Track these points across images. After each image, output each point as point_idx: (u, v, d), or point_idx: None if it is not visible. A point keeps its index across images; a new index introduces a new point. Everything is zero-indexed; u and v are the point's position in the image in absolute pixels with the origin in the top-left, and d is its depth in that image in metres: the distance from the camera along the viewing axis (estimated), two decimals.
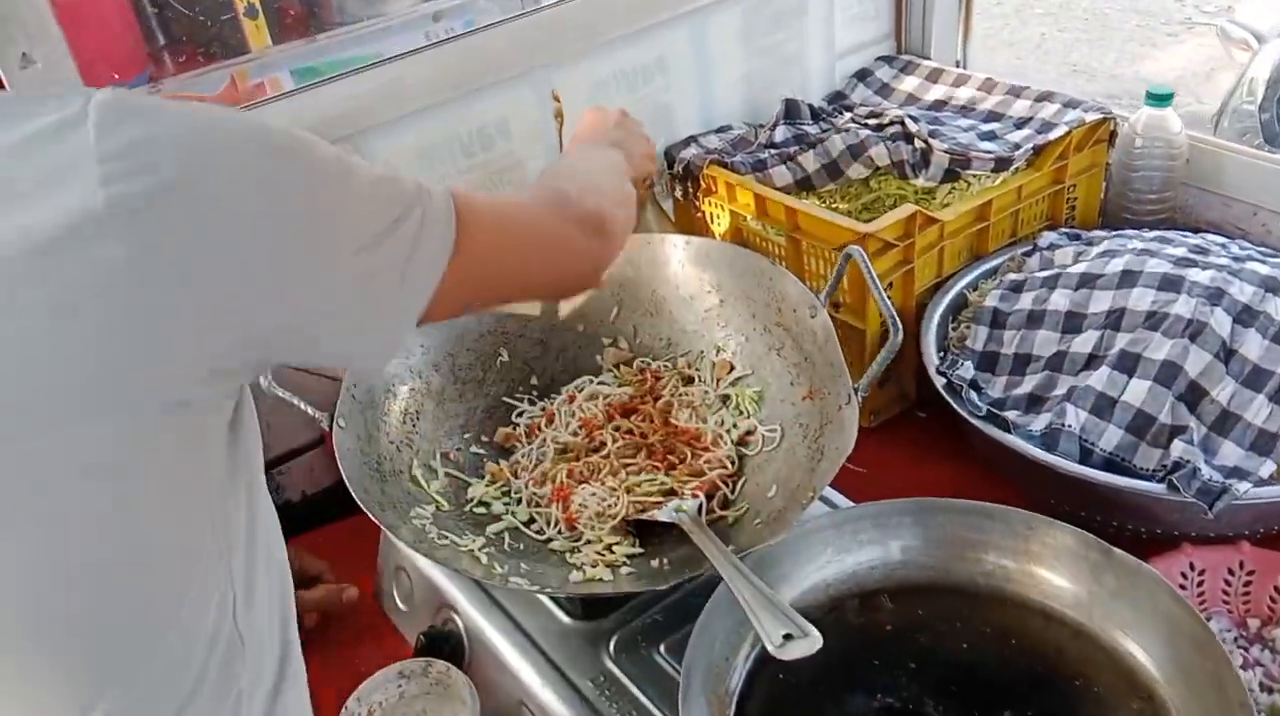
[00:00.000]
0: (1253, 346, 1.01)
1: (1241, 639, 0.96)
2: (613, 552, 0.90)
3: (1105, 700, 0.76)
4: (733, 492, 0.95)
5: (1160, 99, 1.28)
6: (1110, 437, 1.00)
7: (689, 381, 1.07)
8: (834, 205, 1.31)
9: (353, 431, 0.93)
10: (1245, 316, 1.02)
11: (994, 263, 1.25)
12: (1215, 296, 1.03)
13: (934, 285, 1.23)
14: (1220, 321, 1.02)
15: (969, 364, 1.11)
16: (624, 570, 0.88)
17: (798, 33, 1.45)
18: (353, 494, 0.86)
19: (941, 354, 1.15)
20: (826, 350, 0.96)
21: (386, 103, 1.12)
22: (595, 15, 1.26)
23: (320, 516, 1.18)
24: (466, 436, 1.04)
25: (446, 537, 0.90)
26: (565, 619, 0.91)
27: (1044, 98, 1.35)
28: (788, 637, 0.69)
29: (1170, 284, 1.06)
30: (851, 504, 0.98)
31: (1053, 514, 0.85)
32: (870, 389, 1.18)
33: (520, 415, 1.07)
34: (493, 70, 1.20)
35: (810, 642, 0.68)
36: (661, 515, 0.89)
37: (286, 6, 2.58)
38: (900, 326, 0.90)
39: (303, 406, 0.94)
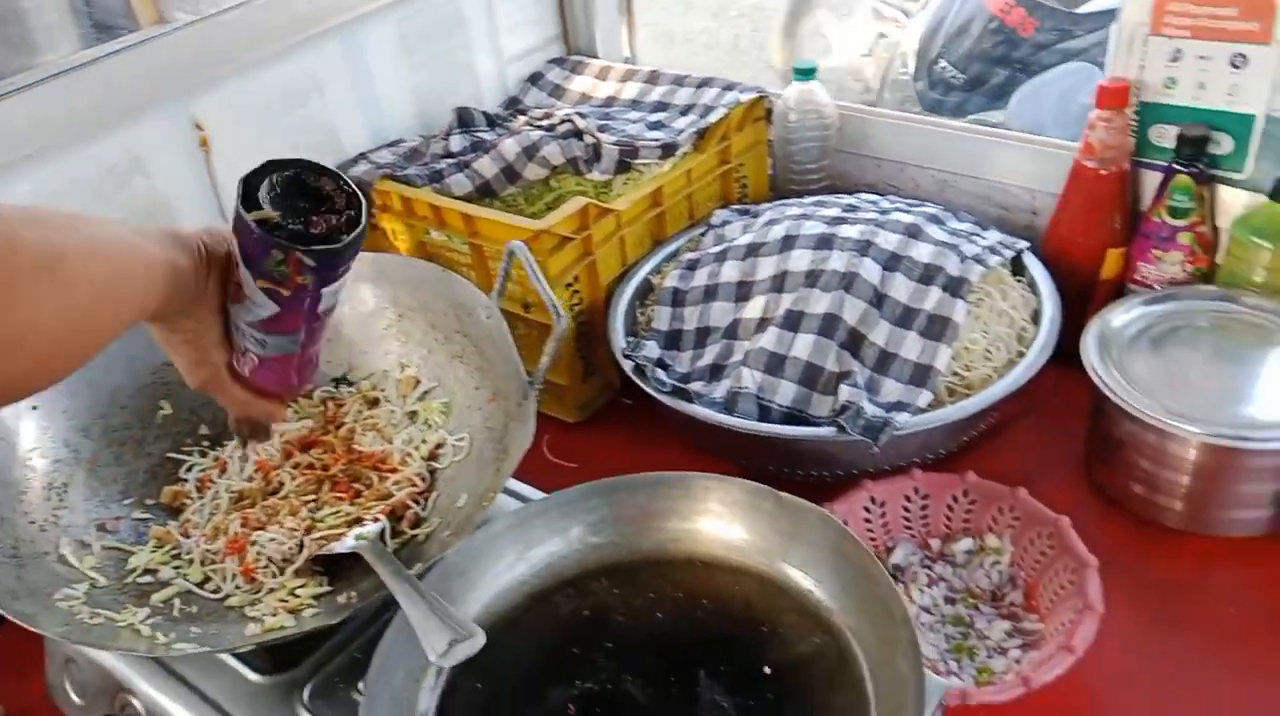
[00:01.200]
0: (901, 289, 1.08)
1: (926, 559, 1.02)
2: (297, 597, 0.85)
3: (789, 639, 0.78)
4: (424, 509, 0.92)
5: (805, 73, 1.35)
6: (785, 393, 1.04)
7: (374, 403, 1.03)
8: (518, 208, 1.31)
9: None
10: (891, 263, 1.09)
11: (674, 245, 1.29)
12: (864, 248, 1.10)
13: (620, 274, 1.25)
14: (870, 270, 1.08)
15: (653, 344, 1.13)
16: (308, 612, 0.83)
17: (463, 41, 1.44)
18: None
19: (631, 338, 1.17)
20: (503, 350, 0.94)
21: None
22: (232, 35, 1.19)
23: None
24: (127, 502, 0.95)
25: (100, 616, 0.81)
26: (254, 676, 0.84)
27: (704, 84, 1.41)
28: (453, 643, 0.66)
29: (824, 242, 1.12)
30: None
31: (748, 474, 0.86)
32: (564, 378, 1.20)
33: (189, 469, 0.99)
34: (121, 103, 1.11)
35: (471, 644, 0.66)
36: (341, 546, 0.84)
37: None
38: (563, 315, 0.89)
39: None
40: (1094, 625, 0.86)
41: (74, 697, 0.93)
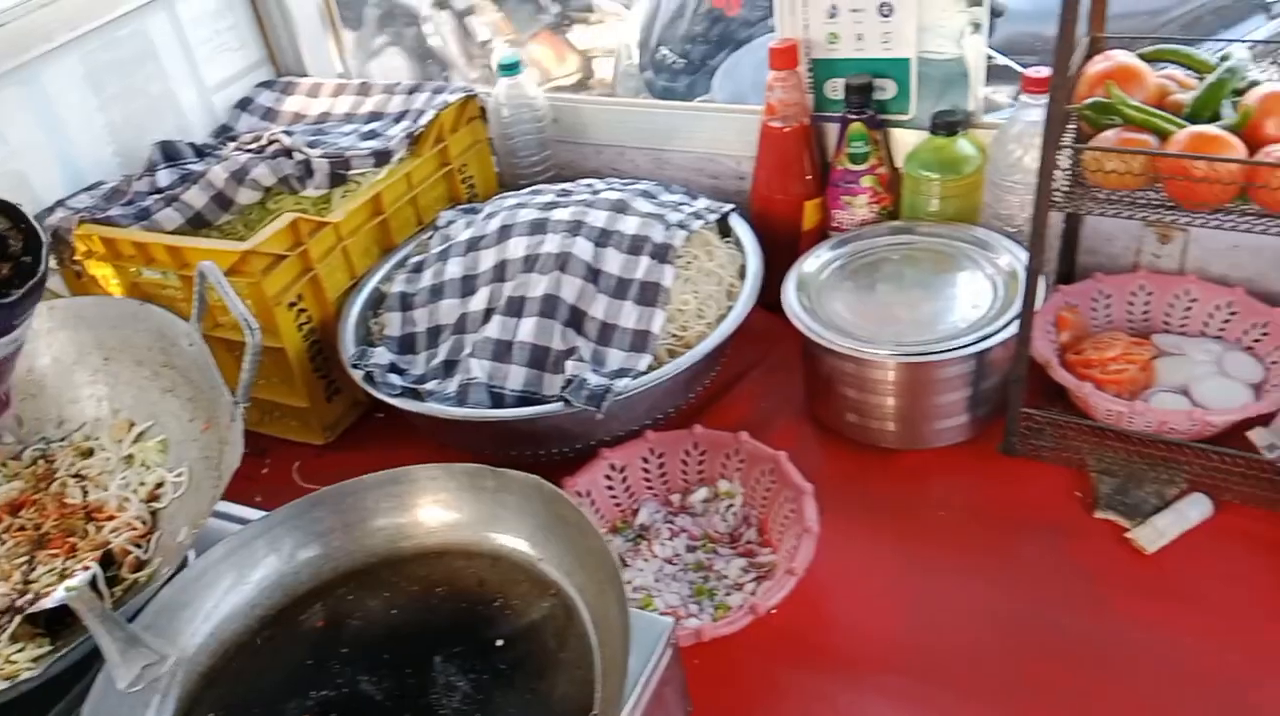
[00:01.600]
0: (613, 262, 1.13)
1: (669, 514, 1.07)
2: (13, 663, 0.81)
3: (521, 608, 0.80)
4: (146, 551, 0.89)
5: (509, 68, 1.39)
6: (516, 377, 1.07)
7: (89, 453, 0.99)
8: (238, 234, 1.28)
9: None
10: (602, 239, 1.14)
11: (403, 252, 1.29)
12: (575, 228, 1.14)
13: (351, 286, 1.25)
14: (583, 248, 1.12)
15: (383, 350, 1.14)
16: (25, 674, 0.79)
17: (157, 73, 1.40)
18: None
19: (362, 349, 1.17)
20: (208, 375, 0.93)
21: None
22: None
23: None
24: None
25: None
26: None
27: (415, 90, 1.42)
28: (147, 668, 0.65)
29: (538, 227, 1.15)
30: None
31: (498, 463, 0.88)
32: (305, 400, 1.19)
33: None
34: None
35: (160, 665, 0.65)
36: (50, 602, 0.80)
37: None
38: (255, 327, 0.89)
39: None
40: (812, 546, 0.93)
41: None
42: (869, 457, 1.12)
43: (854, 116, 1.20)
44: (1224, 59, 0.93)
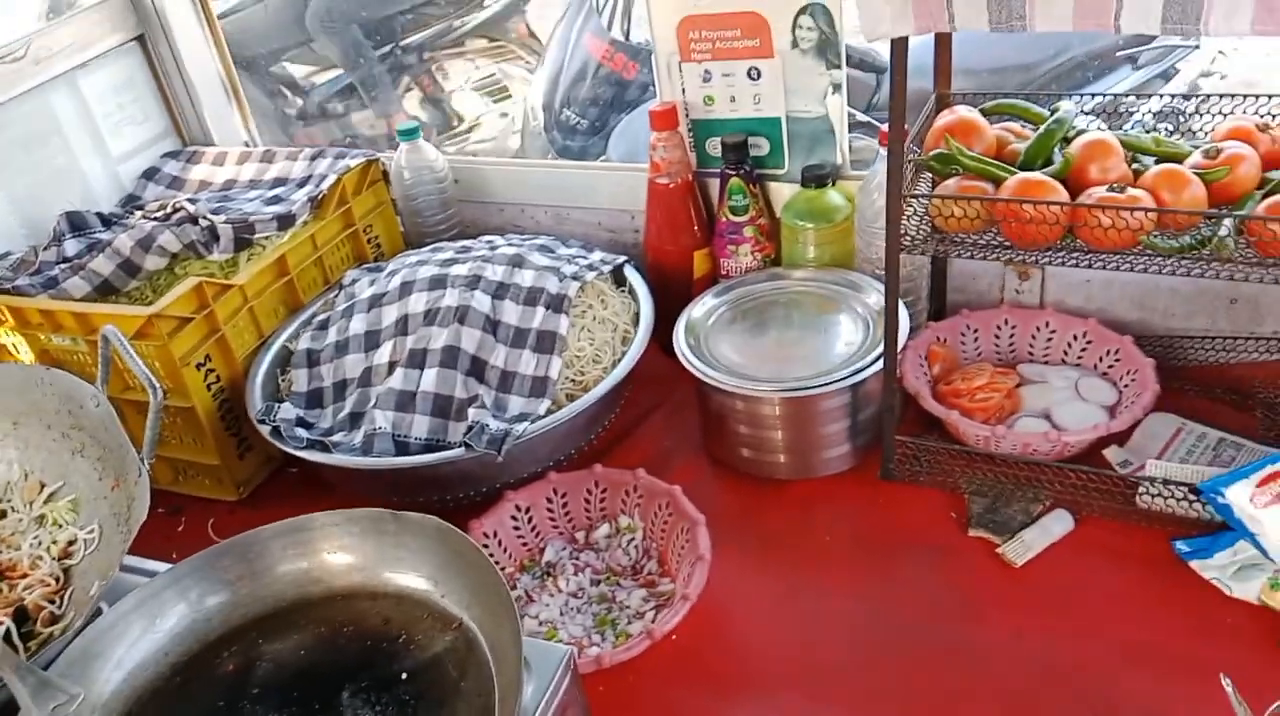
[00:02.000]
0: (510, 313, 1.19)
1: (574, 550, 1.12)
2: None
3: (425, 642, 0.84)
4: (59, 606, 0.91)
5: (408, 133, 1.45)
6: (420, 426, 1.11)
7: (1, 515, 1.01)
8: (146, 300, 1.31)
9: None
10: (500, 291, 1.20)
11: (310, 311, 1.34)
12: (474, 282, 1.20)
13: (259, 346, 1.28)
14: (481, 301, 1.18)
15: (289, 405, 1.17)
16: None
17: (62, 147, 1.43)
18: None
19: (268, 405, 1.20)
20: (115, 435, 0.96)
21: None
22: None
23: None
24: None
25: None
26: None
27: (318, 155, 1.47)
28: (59, 708, 0.68)
29: (438, 282, 1.21)
30: None
31: (405, 509, 0.92)
32: (216, 457, 1.21)
33: None
34: None
35: (75, 700, 0.68)
36: None
37: None
38: (157, 387, 0.92)
39: None
40: (705, 572, 0.99)
41: None
42: (762, 489, 1.19)
43: (732, 172, 1.29)
44: (1054, 111, 1.04)
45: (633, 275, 1.32)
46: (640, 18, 2.69)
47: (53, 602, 0.92)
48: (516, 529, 1.11)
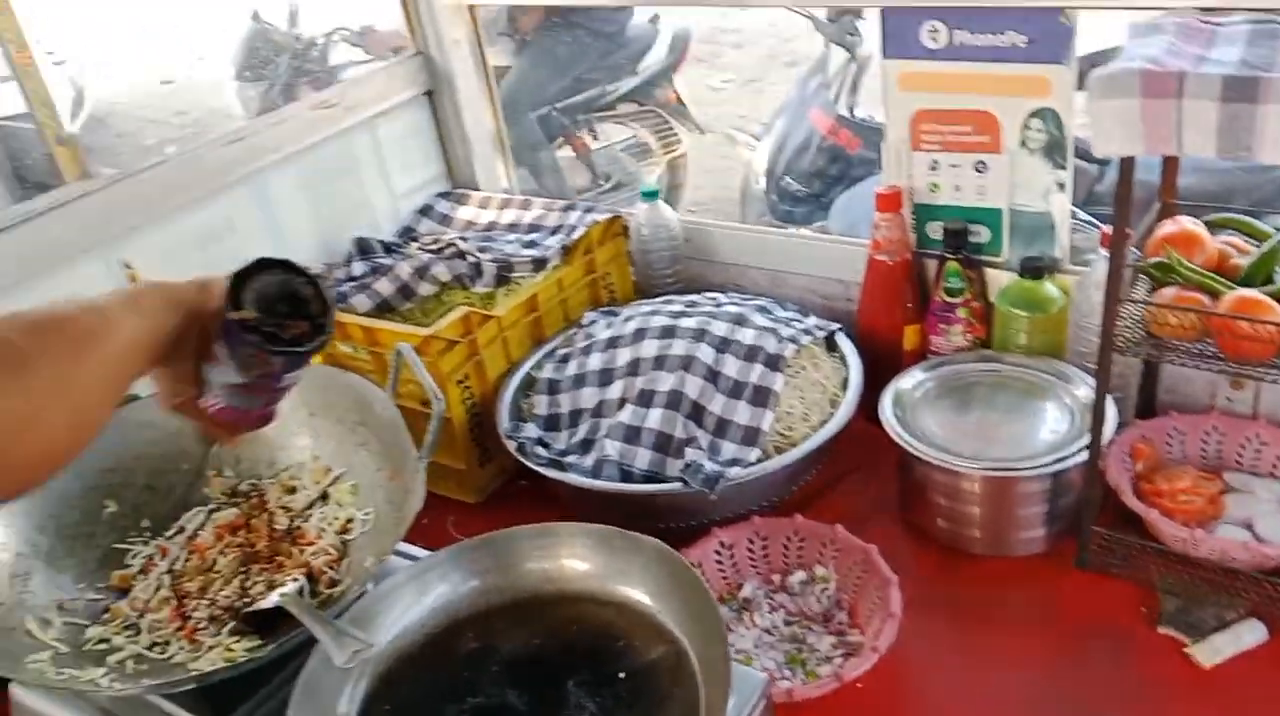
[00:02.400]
0: (731, 367, 1.30)
1: (769, 591, 1.22)
2: (232, 651, 1.00)
3: (640, 650, 0.96)
4: (339, 573, 1.09)
5: (649, 195, 1.61)
6: (642, 458, 1.24)
7: (292, 490, 1.20)
8: (415, 320, 1.51)
9: None
10: (723, 345, 1.32)
11: (551, 345, 1.50)
12: (700, 335, 1.33)
13: (506, 371, 1.46)
14: (705, 352, 1.31)
15: (532, 426, 1.33)
16: (240, 660, 0.98)
17: (358, 182, 1.67)
18: None
19: (515, 423, 1.36)
20: (398, 436, 1.13)
21: None
22: (154, 189, 1.39)
23: None
24: (81, 586, 1.09)
25: (65, 674, 0.95)
26: None
27: (569, 207, 1.65)
28: (356, 653, 0.84)
29: (668, 332, 1.35)
30: None
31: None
32: (464, 463, 1.39)
33: (134, 556, 1.14)
34: (59, 250, 1.29)
35: (369, 648, 0.83)
36: (267, 602, 1.00)
37: None
38: (441, 397, 1.09)
39: None
40: (894, 629, 1.07)
41: None
42: (954, 559, 1.25)
43: (950, 256, 1.36)
44: (1278, 229, 1.07)
45: (844, 342, 1.41)
46: (869, 93, 2.79)
47: (333, 570, 1.09)
48: (719, 563, 1.22)
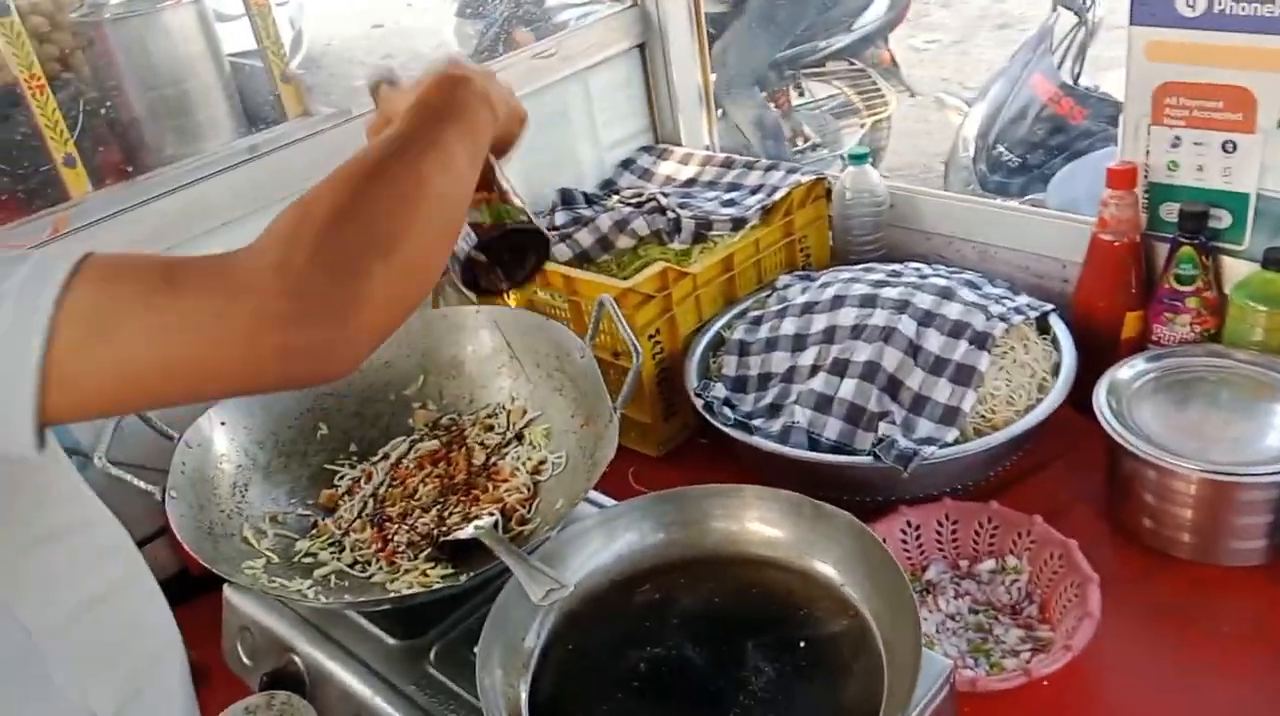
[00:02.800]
0: (933, 342, 1.26)
1: (955, 576, 1.18)
2: (428, 576, 1.06)
3: (822, 620, 0.95)
4: (529, 512, 1.12)
5: (858, 158, 1.56)
6: (832, 428, 1.22)
7: (489, 428, 1.25)
8: (611, 272, 1.53)
9: (184, 501, 1.06)
10: (926, 319, 1.27)
11: (743, 305, 1.49)
12: (902, 306, 1.29)
13: (697, 328, 1.46)
14: (907, 325, 1.26)
15: (720, 386, 1.33)
16: (436, 586, 1.03)
17: (566, 133, 1.69)
18: (189, 550, 0.98)
19: (704, 382, 1.36)
20: (593, 384, 1.15)
21: (194, 220, 1.27)
22: None
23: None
24: (293, 501, 1.18)
25: (276, 582, 1.03)
26: (391, 640, 1.05)
27: (771, 167, 1.62)
28: (550, 591, 0.86)
29: (868, 301, 1.31)
30: None
31: None
32: (649, 416, 1.40)
33: (341, 477, 1.21)
34: (294, 182, 1.36)
35: (564, 590, 0.85)
36: (463, 533, 1.04)
37: (104, 152, 2.71)
38: (640, 350, 1.10)
39: (135, 482, 1.06)
40: (1091, 629, 1.01)
41: (244, 660, 1.15)
42: (1159, 562, 1.17)
43: (1185, 240, 1.26)
44: None
45: (1057, 325, 1.33)
46: (1094, 61, 2.61)
47: (524, 508, 1.13)
48: (904, 542, 1.19)
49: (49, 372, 0.59)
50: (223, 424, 1.18)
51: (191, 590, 1.17)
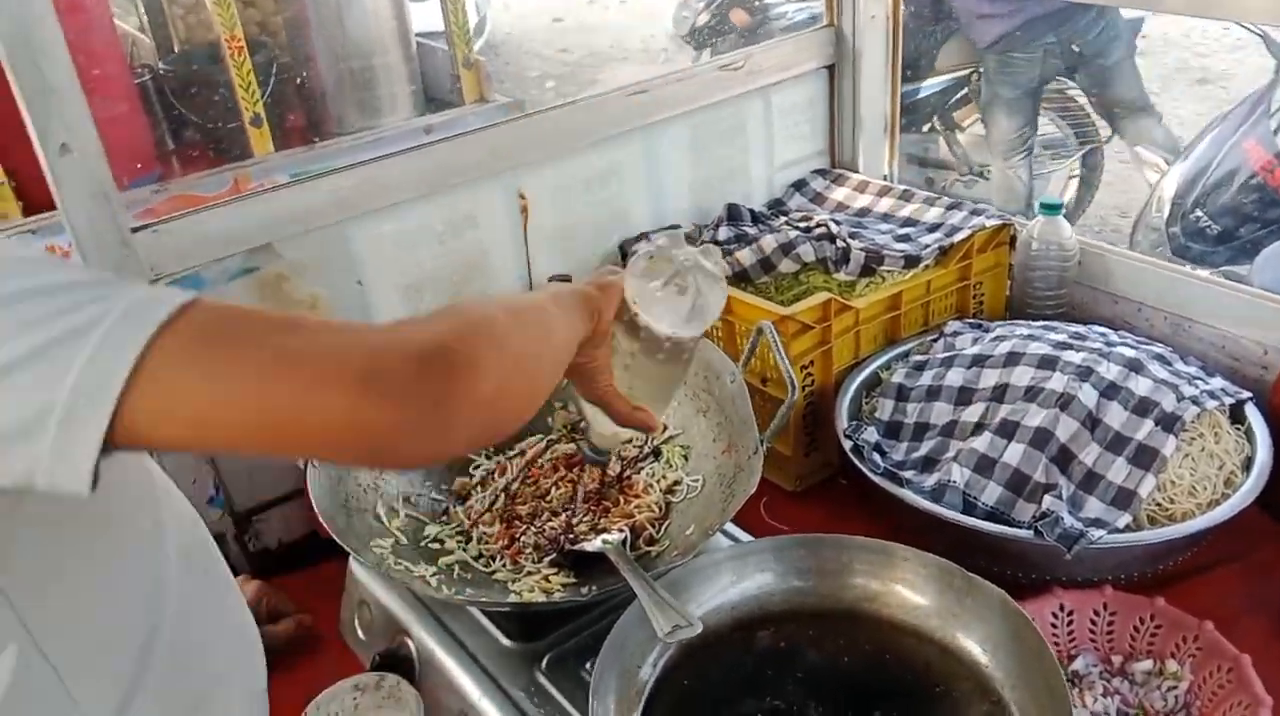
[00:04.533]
0: (1115, 416, 1.16)
1: (1105, 672, 1.08)
2: (549, 582, 1.03)
3: (961, 703, 0.88)
4: (658, 532, 1.09)
5: (1051, 208, 1.46)
6: (991, 493, 1.14)
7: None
8: (769, 295, 1.48)
9: (324, 470, 1.06)
10: (1110, 391, 1.18)
11: (906, 346, 1.41)
12: (1085, 374, 1.19)
13: (852, 364, 1.39)
14: (1088, 395, 1.17)
15: (873, 430, 1.26)
16: (557, 595, 1.01)
17: (741, 148, 1.65)
18: (322, 521, 0.99)
19: (854, 423, 1.30)
20: (741, 410, 1.11)
21: (369, 196, 1.29)
22: (561, 128, 1.45)
23: (295, 563, 1.30)
24: (428, 483, 1.18)
25: (401, 564, 1.02)
26: (505, 640, 1.03)
27: (954, 206, 1.54)
28: (676, 628, 0.82)
29: (1048, 363, 1.22)
30: None
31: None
32: (789, 449, 1.35)
33: (476, 467, 1.20)
34: (468, 170, 1.38)
35: (692, 629, 0.81)
36: (590, 546, 1.02)
37: (290, 116, 2.82)
38: (797, 386, 1.05)
39: None
40: None
41: (360, 634, 1.15)
42: None
43: None
44: None
45: (1254, 415, 1.21)
46: None
47: (653, 527, 1.09)
48: (1053, 626, 1.10)
49: (123, 414, 0.54)
50: None
51: (319, 552, 1.18)
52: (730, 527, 1.13)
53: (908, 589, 0.96)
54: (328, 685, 1.14)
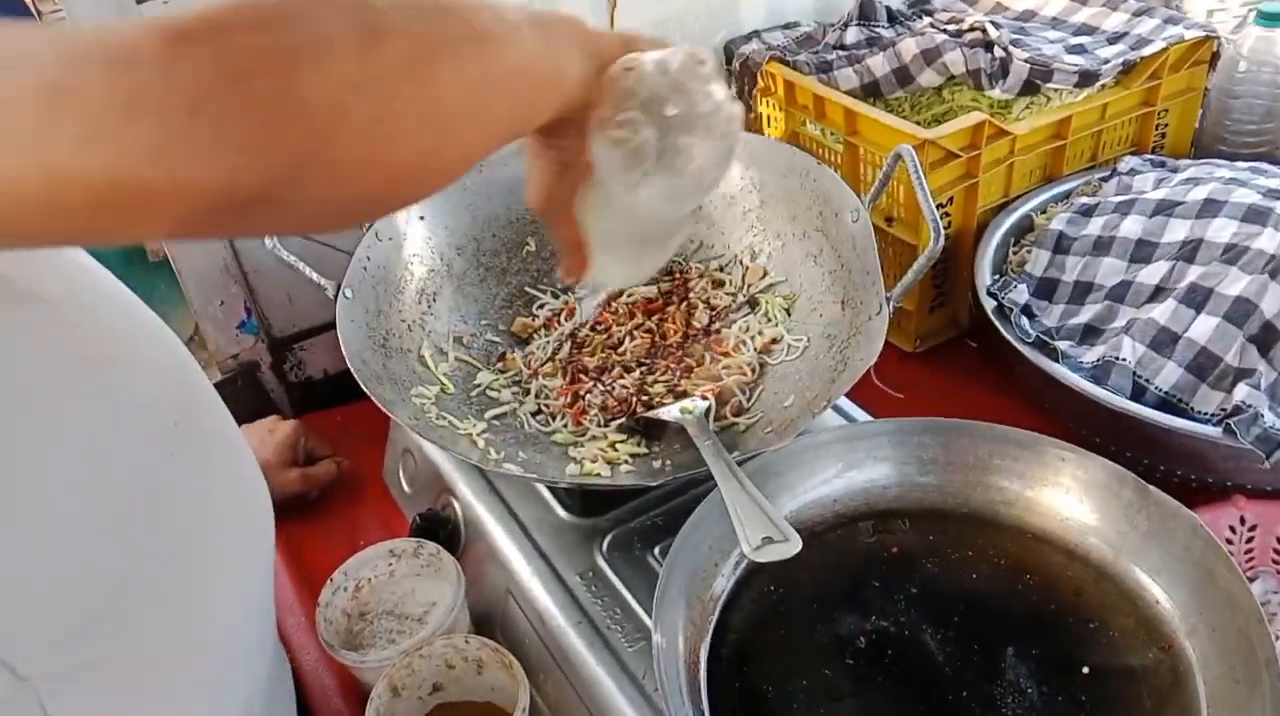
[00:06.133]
0: None
1: None
2: (616, 450, 0.87)
3: (1120, 645, 0.70)
4: (749, 400, 0.90)
5: (1271, 18, 1.15)
6: (1168, 375, 0.91)
7: (719, 284, 1.02)
8: (903, 113, 1.23)
9: (360, 303, 0.90)
10: None
11: (1068, 186, 1.16)
12: None
13: (999, 205, 1.15)
14: None
15: (1024, 288, 1.03)
16: (624, 467, 0.85)
17: None
18: (349, 364, 0.83)
19: (997, 277, 1.07)
20: (864, 257, 0.89)
21: None
22: None
23: (342, 395, 1.17)
24: (483, 322, 1.01)
25: (445, 419, 0.87)
26: (562, 513, 0.88)
27: (1142, 12, 1.24)
28: (767, 541, 0.64)
29: (1257, 216, 0.96)
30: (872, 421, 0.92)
31: (1093, 451, 0.78)
32: (911, 303, 1.14)
33: (541, 307, 1.03)
34: None
35: (787, 547, 0.64)
36: (666, 414, 0.84)
37: None
38: (942, 232, 0.82)
39: (307, 272, 0.91)
40: None
41: (404, 485, 1.02)
42: None
43: None
44: None
45: None
46: None
47: (744, 393, 0.91)
48: (1229, 542, 0.89)
49: None
50: (421, 218, 1.00)
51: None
52: (840, 402, 0.95)
53: (1061, 494, 0.77)
54: (367, 534, 1.03)
